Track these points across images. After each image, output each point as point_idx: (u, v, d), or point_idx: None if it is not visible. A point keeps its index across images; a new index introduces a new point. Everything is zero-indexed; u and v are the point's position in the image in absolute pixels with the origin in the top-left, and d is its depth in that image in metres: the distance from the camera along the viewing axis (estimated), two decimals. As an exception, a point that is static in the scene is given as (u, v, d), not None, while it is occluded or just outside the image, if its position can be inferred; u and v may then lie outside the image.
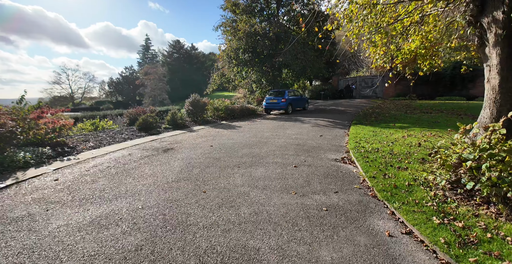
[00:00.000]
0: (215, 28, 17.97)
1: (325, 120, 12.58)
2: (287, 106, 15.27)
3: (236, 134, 9.30)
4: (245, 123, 12.22)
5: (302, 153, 6.44)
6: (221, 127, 11.12)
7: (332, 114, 14.66)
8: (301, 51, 15.93)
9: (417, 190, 3.83)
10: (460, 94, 21.59)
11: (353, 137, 8.03)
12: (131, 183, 4.46)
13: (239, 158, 5.93)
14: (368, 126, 10.08)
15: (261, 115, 15.77)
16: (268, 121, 12.69)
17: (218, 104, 14.54)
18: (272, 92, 16.38)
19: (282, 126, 10.69)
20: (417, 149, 6.15)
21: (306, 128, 10.23)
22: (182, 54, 61.38)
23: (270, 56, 16.78)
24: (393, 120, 11.44)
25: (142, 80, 52.59)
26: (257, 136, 8.78)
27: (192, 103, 13.00)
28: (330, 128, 10.19)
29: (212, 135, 9.14)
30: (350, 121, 12.16)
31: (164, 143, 8.01)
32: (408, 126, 9.72)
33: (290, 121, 12.39)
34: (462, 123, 4.42)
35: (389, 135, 8.13)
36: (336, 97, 27.73)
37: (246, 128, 10.58)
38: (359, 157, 5.79)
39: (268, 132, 9.54)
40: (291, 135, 8.88)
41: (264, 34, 16.16)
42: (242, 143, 7.58)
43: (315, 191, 3.99)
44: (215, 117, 14.09)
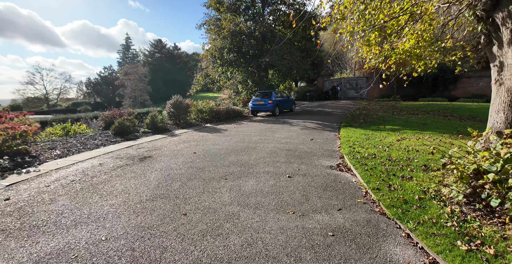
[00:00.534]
0: (198, 27, 17.21)
1: (313, 122, 12.18)
2: (274, 108, 14.78)
3: (222, 138, 8.65)
4: (231, 126, 11.59)
5: (294, 159, 5.91)
6: (206, 131, 10.43)
7: (320, 116, 14.32)
8: (287, 51, 15.51)
9: (430, 205, 3.38)
10: (442, 96, 22.04)
11: (346, 141, 7.62)
12: (97, 202, 3.73)
13: (226, 167, 5.30)
14: (359, 129, 9.75)
15: (248, 117, 15.19)
16: (255, 124, 12.12)
17: (202, 106, 13.81)
18: (258, 93, 15.84)
19: (271, 130, 10.15)
20: (416, 154, 5.79)
21: (295, 131, 9.75)
22: (164, 53, 59.66)
23: (256, 56, 16.24)
24: (382, 122, 11.21)
25: (122, 80, 50.53)
26: (244, 140, 8.17)
27: (173, 105, 12.20)
28: (319, 131, 9.77)
29: (196, 140, 8.44)
30: (338, 124, 11.83)
31: (141, 149, 7.22)
32: (399, 128, 9.47)
33: (278, 123, 11.89)
34: (451, 125, 4.03)
35: (383, 138, 7.78)
36: (322, 99, 27.65)
37: (233, 132, 9.96)
38: (356, 164, 5.33)
39: (256, 135, 8.97)
40: (281, 138, 8.35)
41: (249, 33, 15.60)
42: (228, 149, 6.95)
43: (315, 208, 3.44)
44: (199, 120, 13.35)
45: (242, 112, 15.86)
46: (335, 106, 19.92)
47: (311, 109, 18.09)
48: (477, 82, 20.67)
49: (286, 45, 15.69)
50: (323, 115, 14.87)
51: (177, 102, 12.15)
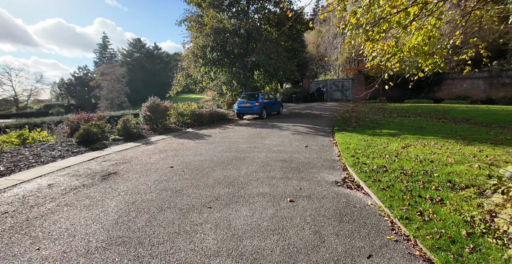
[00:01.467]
0: (178, 23, 15.95)
1: (304, 126, 11.34)
2: (261, 110, 13.83)
3: (205, 146, 7.56)
4: (216, 131, 10.50)
5: (292, 173, 4.96)
6: (187, 137, 9.28)
7: (309, 119, 13.54)
8: (274, 51, 14.65)
9: (487, 246, 2.53)
10: (427, 97, 22.09)
11: (345, 149, 6.79)
12: (23, 254, 2.57)
13: (210, 188, 4.25)
14: (354, 133, 9.00)
15: (233, 120, 14.13)
16: (242, 128, 11.10)
17: (183, 108, 12.60)
18: (244, 95, 14.84)
19: (259, 135, 9.17)
20: (432, 166, 5.02)
21: (286, 136, 8.84)
22: (143, 53, 57.27)
23: (241, 55, 15.25)
24: (376, 125, 10.57)
25: (98, 81, 47.78)
26: (231, 148, 7.14)
27: (150, 108, 10.94)
28: (313, 136, 8.92)
29: (174, 149, 7.30)
30: (330, 127, 11.07)
31: (107, 162, 6.00)
32: (397, 133, 8.81)
33: (267, 128, 10.94)
34: (449, 129, 3.24)
35: (385, 145, 7.02)
36: (308, 101, 27.10)
37: (217, 138, 8.88)
38: (367, 179, 4.47)
39: (244, 142, 7.95)
40: (272, 146, 7.40)
41: (234, 31, 14.59)
42: (213, 161, 5.89)
43: (337, 256, 2.49)
44: (179, 124, 12.13)
45: (227, 115, 14.79)
46: (323, 109, 19.30)
47: (299, 112, 17.33)
48: (461, 84, 20.85)
49: (273, 44, 14.83)
50: (312, 118, 14.10)
51: (153, 104, 10.90)
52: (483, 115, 11.59)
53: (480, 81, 19.79)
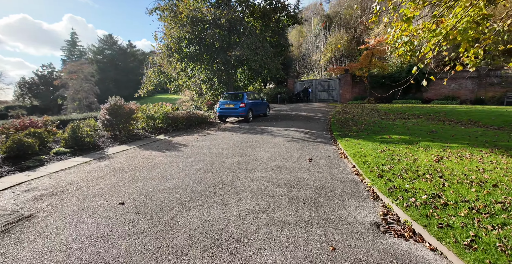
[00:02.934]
0: (149, 12, 13.79)
1: (297, 130, 9.75)
2: (247, 112, 12.09)
3: (178, 162, 5.69)
4: (193, 138, 8.61)
5: (308, 211, 3.29)
6: (155, 147, 7.32)
7: (301, 122, 12.00)
8: (260, 45, 12.98)
9: None
10: (414, 98, 21.48)
11: (362, 163, 5.24)
12: None
13: (179, 257, 2.45)
14: (361, 140, 7.52)
15: (214, 124, 12.26)
16: (226, 134, 9.29)
17: (154, 110, 10.57)
18: (227, 95, 13.03)
19: (249, 143, 7.43)
20: (500, 193, 3.56)
21: (282, 145, 7.17)
22: (115, 51, 53.41)
23: (222, 50, 13.42)
24: (380, 130, 9.21)
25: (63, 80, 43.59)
26: (214, 165, 5.33)
27: (111, 110, 8.84)
28: (312, 144, 7.34)
29: (135, 167, 5.37)
30: (328, 132, 9.58)
31: (28, 194, 4.00)
32: (411, 139, 7.45)
33: (256, 133, 9.21)
34: (465, 133, 1.72)
35: (410, 157, 5.56)
36: (293, 101, 25.74)
37: (195, 148, 7.02)
38: (426, 221, 2.90)
39: (230, 155, 6.17)
40: (267, 159, 5.69)
41: (214, 21, 12.73)
42: (187, 189, 4.07)
43: None
44: (149, 130, 10.09)
45: (208, 117, 12.89)
46: (311, 110, 17.92)
47: (287, 113, 15.78)
48: (449, 84, 20.40)
49: (258, 38, 13.15)
50: (303, 120, 12.58)
51: (115, 106, 8.81)
52: (489, 117, 10.67)
53: (468, 81, 19.42)
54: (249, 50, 11.84)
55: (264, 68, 14.74)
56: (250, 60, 11.90)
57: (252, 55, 11.98)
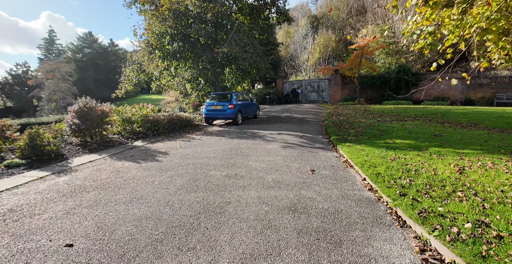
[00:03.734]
0: (128, 4, 12.61)
1: (292, 134, 8.94)
2: (236, 114, 11.17)
3: (153, 177, 4.70)
4: (176, 144, 7.59)
5: (323, 252, 2.46)
6: (130, 157, 6.27)
7: (294, 125, 11.21)
8: (249, 42, 12.10)
9: None
10: (405, 98, 21.23)
11: (374, 175, 4.47)
12: None
13: None
14: (363, 145, 6.79)
15: (200, 127, 11.25)
16: (213, 139, 8.32)
17: (132, 113, 9.44)
18: (214, 95, 12.04)
19: (239, 151, 6.51)
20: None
21: (277, 152, 6.31)
22: (95, 49, 51.01)
23: (209, 47, 12.45)
24: (380, 133, 8.54)
25: (39, 79, 40.97)
26: (197, 182, 4.39)
27: (80, 113, 7.70)
28: (311, 151, 6.53)
29: (100, 185, 4.34)
30: (325, 135, 8.83)
31: None
32: (417, 144, 6.79)
33: (247, 138, 8.30)
34: (472, 137, 0.98)
35: (427, 167, 4.83)
36: (282, 102, 25.02)
37: (177, 158, 6.03)
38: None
39: (218, 166, 5.24)
40: (263, 172, 4.80)
41: (199, 15, 11.73)
42: (161, 220, 3.11)
43: None
44: (126, 135, 8.97)
45: (193, 120, 11.86)
46: (303, 111, 17.21)
47: (277, 115, 14.96)
48: (438, 84, 20.30)
49: (247, 35, 12.27)
50: (296, 123, 11.80)
51: (84, 109, 7.67)
52: (489, 118, 10.27)
53: (458, 82, 19.36)
54: (237, 47, 10.93)
55: (253, 67, 13.89)
56: (239, 58, 10.99)
57: (241, 53, 11.07)
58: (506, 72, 17.19)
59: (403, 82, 21.17)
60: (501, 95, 17.25)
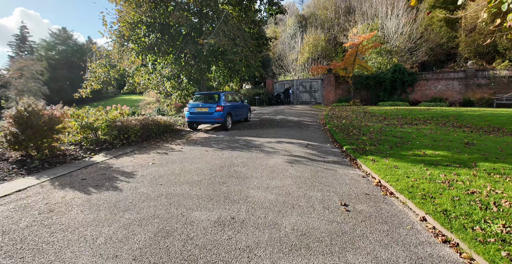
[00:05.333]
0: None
1: (293, 142, 7.37)
2: (224, 118, 9.46)
3: (101, 225, 2.93)
4: (148, 159, 5.79)
5: None
6: (80, 181, 4.44)
7: (292, 130, 9.66)
8: (240, 35, 10.43)
9: None
10: (400, 99, 20.30)
11: (438, 214, 3.03)
12: None
13: None
14: (391, 159, 5.31)
15: (182, 133, 9.44)
16: (198, 150, 6.58)
17: (96, 117, 7.54)
18: (199, 96, 10.27)
19: (232, 169, 4.83)
20: None
21: (283, 171, 4.70)
22: (70, 46, 47.52)
23: (192, 39, 10.68)
24: (400, 140, 7.13)
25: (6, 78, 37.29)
26: (168, 238, 2.67)
27: (19, 119, 5.79)
28: (326, 168, 4.98)
29: (9, 241, 2.53)
30: (333, 144, 7.35)
31: None
32: (454, 156, 5.39)
33: (240, 148, 6.62)
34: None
35: (502, 194, 3.37)
36: (273, 103, 23.49)
37: (145, 183, 4.27)
38: None
39: (203, 199, 3.54)
40: (273, 211, 3.17)
41: (180, 2, 9.94)
42: None
43: None
44: (86, 145, 7.08)
45: (173, 125, 10.03)
46: (297, 113, 15.73)
47: (271, 118, 13.37)
48: (435, 85, 19.47)
49: (237, 27, 10.61)
50: (294, 127, 10.25)
51: (24, 113, 5.76)
52: (511, 122, 9.14)
53: (455, 82, 18.57)
54: (226, 39, 9.23)
55: (242, 64, 12.25)
56: (228, 51, 9.29)
57: (231, 46, 9.38)
58: (505, 72, 16.49)
59: (398, 82, 20.20)
60: (500, 96, 16.53)
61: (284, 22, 44.11)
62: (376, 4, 29.55)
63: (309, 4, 47.21)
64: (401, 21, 25.47)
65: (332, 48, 33.87)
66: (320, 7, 42.84)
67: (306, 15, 43.51)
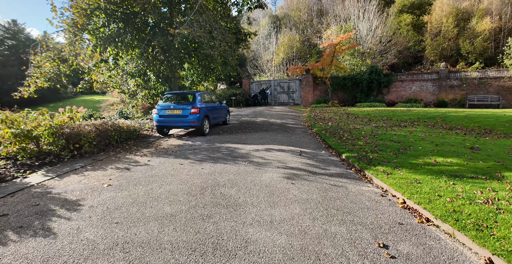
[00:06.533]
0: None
1: (284, 150, 6.37)
2: (201, 121, 8.21)
3: None
4: (103, 178, 4.40)
5: None
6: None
7: (278, 133, 8.67)
8: (217, 27, 9.22)
9: None
10: (377, 100, 20.35)
11: (508, 256, 2.08)
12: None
13: None
14: (405, 170, 4.52)
15: (150, 139, 8.00)
16: (170, 163, 5.28)
17: (37, 122, 5.92)
18: (170, 96, 8.88)
19: (217, 192, 3.67)
20: None
21: (285, 193, 3.65)
22: (21, 41, 42.53)
23: (161, 30, 9.27)
24: (400, 146, 6.44)
25: None
26: None
27: None
28: (334, 184, 4.04)
29: None
30: (328, 150, 6.49)
31: None
32: (469, 163, 4.75)
33: (224, 159, 5.45)
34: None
35: None
36: (250, 104, 22.46)
37: (96, 214, 2.95)
38: None
39: (177, 246, 2.35)
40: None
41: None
42: None
43: None
44: (23, 159, 5.47)
45: (139, 130, 8.54)
46: (278, 115, 14.84)
47: (251, 121, 12.30)
48: (410, 86, 19.76)
49: (213, 18, 9.40)
50: (280, 131, 9.28)
51: None
52: (500, 123, 9.00)
53: (429, 84, 18.97)
54: (202, 30, 7.98)
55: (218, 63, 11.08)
56: (205, 45, 8.04)
57: (207, 39, 8.15)
58: (476, 74, 17.08)
59: (375, 83, 20.23)
60: (472, 97, 17.09)
61: (258, 23, 43.51)
62: (348, 7, 29.87)
63: (282, 5, 47.08)
64: (373, 24, 25.86)
65: (306, 49, 33.83)
66: (293, 8, 42.90)
67: (280, 16, 43.31)
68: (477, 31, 23.68)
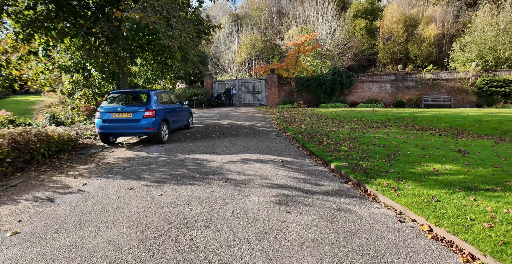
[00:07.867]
0: None
1: (263, 160, 5.37)
2: (158, 126, 6.78)
3: None
4: (9, 218, 2.87)
5: None
6: None
7: (251, 139, 7.66)
8: (177, 15, 7.84)
9: None
10: (339, 101, 20.60)
11: None
12: None
13: None
14: (411, 183, 3.87)
15: (91, 150, 6.33)
16: (114, 188, 3.89)
17: None
18: (117, 95, 7.22)
19: (185, 237, 2.49)
20: None
21: (283, 230, 2.63)
22: None
23: (107, 16, 7.57)
24: (388, 151, 5.91)
25: None
26: None
27: None
28: (336, 208, 3.18)
29: None
30: (311, 157, 5.71)
31: None
32: (469, 170, 4.30)
33: (190, 179, 4.22)
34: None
35: None
36: (213, 105, 21.06)
37: None
38: None
39: None
40: None
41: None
42: None
43: None
44: None
45: (76, 140, 6.78)
46: (245, 117, 13.82)
47: (217, 123, 11.06)
48: (370, 87, 20.35)
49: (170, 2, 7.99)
50: (252, 135, 8.27)
51: None
52: (469, 124, 9.16)
53: (388, 85, 19.73)
54: (157, 16, 6.57)
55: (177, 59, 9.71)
56: (161, 34, 6.64)
57: (165, 27, 6.76)
58: (430, 76, 18.15)
59: (337, 84, 20.42)
60: (426, 97, 18.12)
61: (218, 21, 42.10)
62: (308, 9, 30.21)
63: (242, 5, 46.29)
64: (332, 26, 26.42)
65: (269, 50, 33.54)
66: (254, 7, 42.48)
67: (241, 15, 42.49)
68: (423, 37, 25.68)
